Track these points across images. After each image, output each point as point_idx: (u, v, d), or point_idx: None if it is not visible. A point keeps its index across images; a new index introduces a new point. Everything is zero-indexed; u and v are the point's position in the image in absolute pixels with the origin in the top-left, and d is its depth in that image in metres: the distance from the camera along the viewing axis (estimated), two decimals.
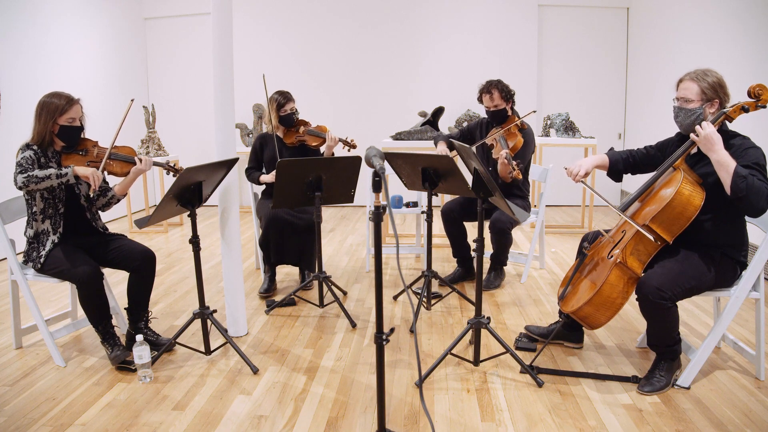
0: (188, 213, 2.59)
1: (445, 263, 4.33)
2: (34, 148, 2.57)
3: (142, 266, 2.70)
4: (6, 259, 2.87)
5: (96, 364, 2.67)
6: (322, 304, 3.32)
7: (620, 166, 2.63)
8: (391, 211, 1.68)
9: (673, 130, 2.51)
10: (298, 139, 3.75)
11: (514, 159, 3.22)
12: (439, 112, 5.28)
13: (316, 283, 3.51)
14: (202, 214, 6.44)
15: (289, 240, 3.53)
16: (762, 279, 2.39)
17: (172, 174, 2.76)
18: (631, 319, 3.16)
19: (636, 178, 2.73)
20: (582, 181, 2.52)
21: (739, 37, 4.26)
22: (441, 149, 3.63)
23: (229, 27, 2.77)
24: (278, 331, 3.05)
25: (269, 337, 2.97)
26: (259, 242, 3.65)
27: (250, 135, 6.55)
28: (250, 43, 6.79)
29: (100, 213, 2.86)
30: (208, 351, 2.72)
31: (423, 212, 3.95)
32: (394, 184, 5.43)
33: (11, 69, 4.77)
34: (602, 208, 6.52)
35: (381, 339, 1.79)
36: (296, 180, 3.00)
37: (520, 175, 3.03)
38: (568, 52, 6.72)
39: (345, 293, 3.65)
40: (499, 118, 3.64)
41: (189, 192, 2.52)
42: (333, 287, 3.33)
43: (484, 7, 6.64)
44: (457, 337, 2.61)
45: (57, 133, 2.59)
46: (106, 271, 2.76)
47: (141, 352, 2.46)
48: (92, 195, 2.71)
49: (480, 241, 2.50)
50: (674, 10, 5.41)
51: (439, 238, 4.82)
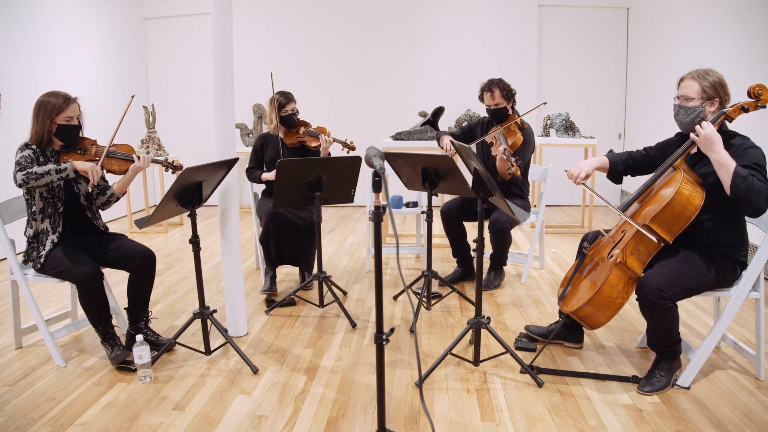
0: (188, 213, 2.59)
1: (445, 263, 4.33)
2: (33, 147, 2.57)
3: (142, 266, 2.70)
4: (6, 259, 2.87)
5: (96, 364, 2.67)
6: (322, 304, 3.32)
7: (620, 167, 2.63)
8: (391, 211, 1.68)
9: (673, 131, 2.51)
10: (298, 140, 3.75)
11: (512, 156, 3.22)
12: (439, 112, 5.28)
13: (316, 283, 3.51)
14: (202, 214, 6.44)
15: (290, 238, 3.53)
16: (762, 279, 2.39)
17: (172, 171, 2.76)
18: (631, 319, 3.16)
19: (636, 178, 2.73)
20: (582, 183, 2.52)
21: (739, 37, 4.26)
22: (447, 143, 3.62)
23: (229, 27, 2.77)
24: (278, 331, 3.05)
25: (269, 337, 2.97)
26: (259, 239, 3.65)
27: (250, 135, 6.54)
28: (250, 43, 6.79)
29: (100, 212, 2.86)
30: (208, 351, 2.72)
31: (423, 212, 3.94)
32: (394, 184, 5.42)
33: (11, 69, 4.78)
34: (602, 208, 6.52)
35: (381, 339, 1.79)
36: (296, 180, 3.00)
37: (519, 172, 3.02)
38: (568, 52, 6.72)
39: (345, 293, 3.65)
40: (500, 117, 3.64)
41: (189, 192, 2.52)
42: (333, 287, 3.33)
43: (484, 7, 6.64)
44: (457, 337, 2.61)
45: (55, 132, 2.59)
46: (106, 271, 2.75)
47: (141, 352, 2.46)
48: (91, 190, 2.70)
49: (480, 241, 2.50)
50: (674, 10, 5.41)
51: (439, 238, 4.81)
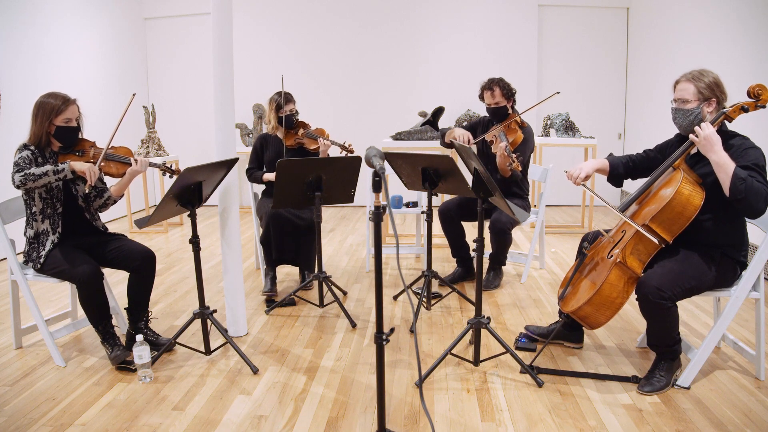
0: (188, 213, 2.59)
1: (445, 263, 4.33)
2: (32, 148, 2.56)
3: (142, 266, 2.70)
4: (6, 259, 2.87)
5: (96, 364, 2.67)
6: (322, 304, 3.32)
7: (620, 170, 2.63)
8: (391, 211, 1.68)
9: (673, 131, 2.51)
10: (297, 142, 3.74)
11: (513, 153, 3.22)
12: (439, 112, 5.28)
13: (316, 283, 3.51)
14: (202, 214, 6.44)
15: (290, 238, 3.53)
16: (762, 279, 2.39)
17: (169, 175, 2.76)
18: (631, 319, 3.16)
19: (636, 180, 2.73)
20: (582, 184, 2.52)
21: (739, 37, 4.26)
22: (461, 132, 3.59)
23: (229, 27, 2.77)
24: (278, 331, 3.05)
25: (269, 337, 2.97)
26: (260, 240, 3.65)
27: (250, 135, 6.54)
28: (250, 43, 6.79)
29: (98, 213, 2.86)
30: (208, 351, 2.72)
31: (423, 212, 3.94)
32: (394, 184, 5.42)
33: (11, 69, 4.78)
34: (602, 208, 6.52)
35: (381, 339, 1.79)
36: (296, 180, 3.00)
37: (519, 167, 3.02)
38: (568, 52, 6.72)
39: (345, 293, 3.65)
40: (500, 116, 3.64)
41: (189, 192, 2.52)
42: (333, 287, 3.33)
43: (484, 7, 6.64)
44: (457, 337, 2.61)
45: (53, 133, 2.58)
46: (106, 271, 2.75)
47: (141, 352, 2.46)
48: (88, 191, 2.70)
49: (480, 241, 2.50)
50: (674, 10, 5.41)
51: (439, 238, 4.81)
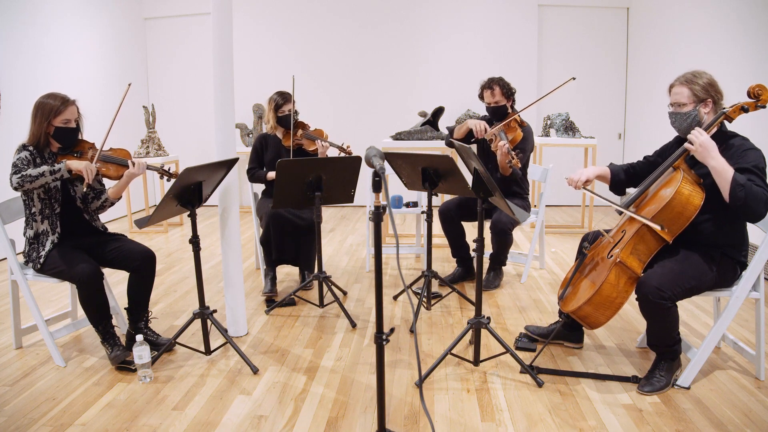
0: (188, 213, 2.59)
1: (445, 263, 4.33)
2: (30, 149, 2.56)
3: (142, 266, 2.69)
4: (6, 259, 2.87)
5: (96, 364, 2.67)
6: (322, 304, 3.32)
7: (622, 176, 2.63)
8: (391, 211, 1.68)
9: (673, 133, 2.51)
10: (296, 143, 3.74)
11: (512, 150, 3.23)
12: (439, 112, 5.28)
13: (316, 283, 3.51)
14: (202, 214, 6.44)
15: (290, 238, 3.53)
16: (762, 279, 2.39)
17: (167, 178, 2.75)
18: (631, 319, 3.16)
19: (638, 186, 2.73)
20: (583, 188, 2.52)
21: (739, 37, 4.26)
22: (476, 121, 3.58)
23: (229, 27, 2.77)
24: (278, 331, 3.05)
25: (269, 337, 2.97)
26: (260, 240, 3.65)
27: (250, 135, 6.54)
28: (250, 43, 6.79)
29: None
30: (208, 351, 2.72)
31: (423, 212, 3.94)
32: (394, 184, 5.43)
33: (11, 69, 4.78)
34: (602, 208, 6.52)
35: (381, 339, 1.79)
36: (296, 180, 3.00)
37: (519, 164, 3.02)
38: (568, 52, 6.72)
39: (345, 293, 3.65)
40: (499, 115, 3.64)
41: (189, 192, 2.52)
42: (333, 287, 3.33)
43: (484, 7, 6.64)
44: (457, 337, 2.61)
45: (52, 134, 2.58)
46: (106, 271, 2.75)
47: (141, 352, 2.46)
48: (85, 190, 2.68)
49: (480, 241, 2.50)
50: (674, 10, 5.41)
51: (439, 238, 4.81)
